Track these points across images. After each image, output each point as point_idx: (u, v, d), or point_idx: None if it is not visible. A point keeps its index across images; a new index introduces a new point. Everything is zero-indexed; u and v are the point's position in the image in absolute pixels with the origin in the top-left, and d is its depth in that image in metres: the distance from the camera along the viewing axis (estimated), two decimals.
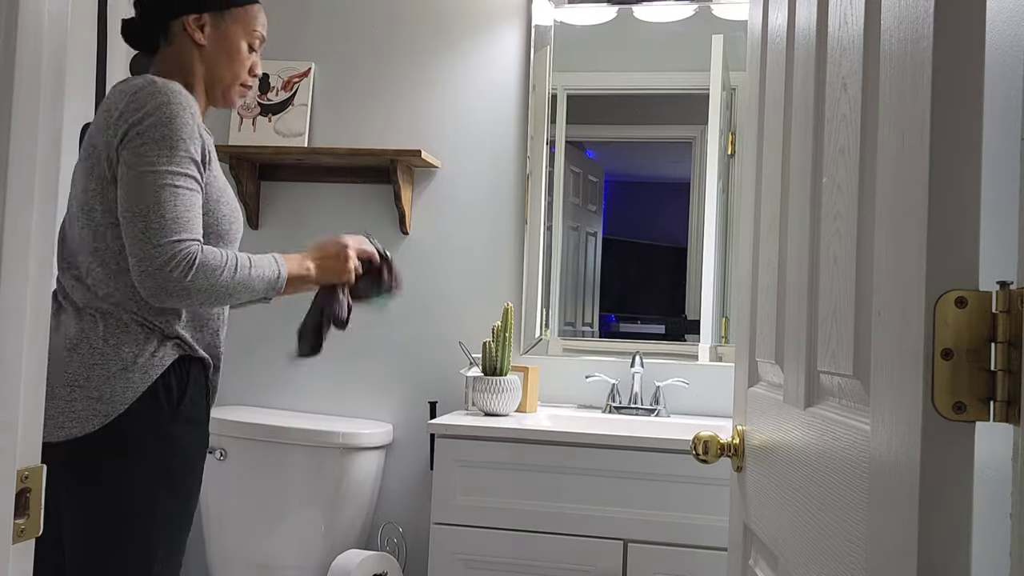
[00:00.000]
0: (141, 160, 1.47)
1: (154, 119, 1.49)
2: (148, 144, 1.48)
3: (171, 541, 1.56)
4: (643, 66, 2.57)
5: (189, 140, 1.51)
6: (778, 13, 1.15)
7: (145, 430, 1.51)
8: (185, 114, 1.52)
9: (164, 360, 1.53)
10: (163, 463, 1.53)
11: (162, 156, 1.48)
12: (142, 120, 1.49)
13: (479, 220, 2.60)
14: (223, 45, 1.67)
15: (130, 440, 1.49)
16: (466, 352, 2.46)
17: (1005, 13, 0.60)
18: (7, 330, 0.72)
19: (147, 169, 1.47)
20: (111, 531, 1.50)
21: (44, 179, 0.76)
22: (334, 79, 2.71)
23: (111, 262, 1.52)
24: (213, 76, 1.68)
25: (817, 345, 0.92)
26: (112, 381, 1.48)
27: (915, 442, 0.64)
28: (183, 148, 1.50)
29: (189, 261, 1.45)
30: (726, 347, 2.45)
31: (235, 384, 2.69)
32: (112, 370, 1.49)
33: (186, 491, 1.58)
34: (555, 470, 2.04)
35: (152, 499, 1.52)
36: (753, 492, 1.20)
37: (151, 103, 1.50)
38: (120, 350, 1.50)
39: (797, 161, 1.03)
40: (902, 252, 0.68)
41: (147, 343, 1.52)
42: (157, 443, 1.52)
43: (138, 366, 1.50)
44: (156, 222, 1.45)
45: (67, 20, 0.79)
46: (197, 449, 1.60)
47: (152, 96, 1.51)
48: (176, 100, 1.52)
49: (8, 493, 0.73)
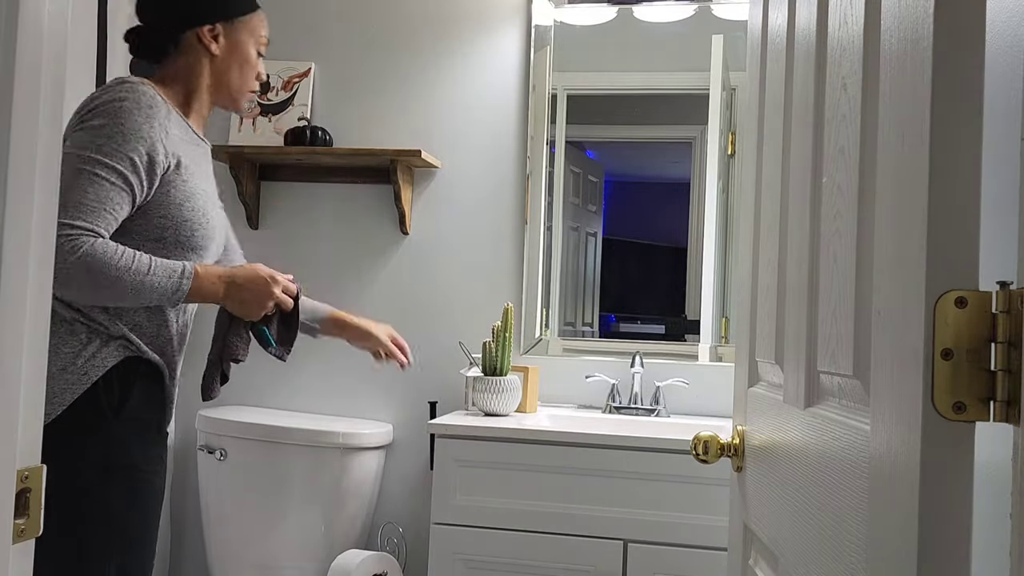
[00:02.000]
0: (74, 144, 1.47)
1: (102, 110, 1.50)
2: (86, 131, 1.48)
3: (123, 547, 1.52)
4: (643, 66, 2.57)
5: (133, 138, 1.48)
6: (778, 13, 1.15)
7: (84, 431, 1.48)
8: (139, 115, 1.50)
9: (106, 361, 1.50)
10: (104, 464, 1.49)
11: (94, 144, 1.46)
12: (92, 111, 1.50)
13: (479, 220, 2.60)
14: (235, 54, 1.69)
15: (71, 442, 1.45)
16: (466, 352, 2.46)
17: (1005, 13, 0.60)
18: (7, 330, 0.72)
19: (73, 152, 1.45)
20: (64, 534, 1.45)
21: (44, 179, 0.76)
22: (334, 79, 2.71)
23: None
24: (223, 84, 1.69)
25: (817, 345, 0.92)
26: (51, 381, 1.43)
27: (915, 442, 0.64)
28: (121, 143, 1.47)
29: (71, 248, 1.40)
30: (726, 347, 2.45)
31: (235, 384, 2.68)
32: (50, 370, 1.44)
33: (136, 495, 1.53)
34: (555, 470, 2.04)
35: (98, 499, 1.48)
36: (753, 492, 1.20)
37: (106, 96, 1.51)
38: (59, 350, 1.47)
39: (797, 161, 1.03)
40: (902, 252, 0.68)
41: (89, 343, 1.49)
42: (97, 444, 1.49)
43: (76, 367, 1.48)
44: (66, 206, 1.41)
45: (67, 20, 0.79)
46: (151, 452, 1.56)
47: (113, 91, 1.52)
48: (136, 99, 1.51)
49: (8, 493, 0.73)
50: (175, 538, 2.74)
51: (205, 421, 2.48)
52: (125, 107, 1.50)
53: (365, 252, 2.66)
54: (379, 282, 2.65)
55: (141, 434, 1.55)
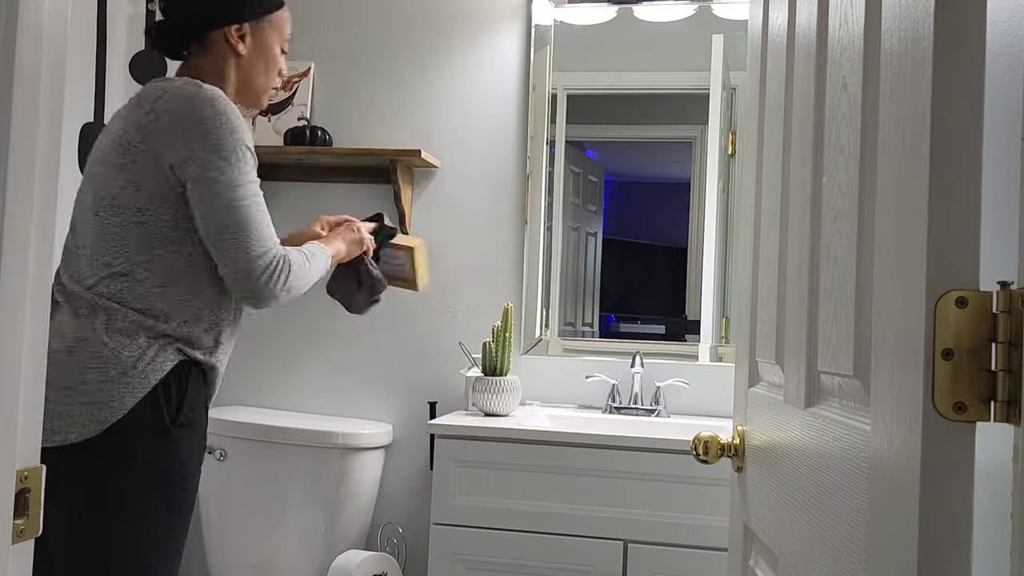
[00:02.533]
0: (223, 176, 1.51)
1: (220, 132, 1.51)
2: (225, 159, 1.51)
3: (166, 548, 1.54)
4: (643, 66, 2.57)
5: (250, 145, 1.57)
6: (778, 13, 1.15)
7: (144, 435, 1.49)
8: (239, 121, 1.55)
9: (165, 365, 1.51)
10: (161, 468, 1.51)
11: (240, 170, 1.53)
12: (207, 134, 1.50)
13: (479, 220, 2.60)
14: (262, 53, 1.69)
15: (129, 445, 1.47)
16: (466, 352, 2.46)
17: (1005, 13, 0.60)
18: (7, 330, 0.72)
19: (234, 185, 1.51)
20: (106, 537, 1.48)
21: (44, 179, 0.76)
22: (334, 79, 2.71)
23: (128, 262, 1.51)
24: (248, 83, 1.69)
25: (817, 345, 0.91)
26: (110, 385, 1.46)
27: (915, 442, 0.64)
28: (250, 156, 1.56)
29: (286, 269, 1.56)
30: (726, 347, 2.45)
31: (235, 384, 2.69)
32: (111, 374, 1.46)
33: (183, 498, 1.56)
34: (555, 470, 2.04)
35: (148, 505, 1.50)
36: (753, 492, 1.20)
37: (209, 111, 1.52)
38: (120, 353, 1.48)
39: (797, 161, 1.03)
40: (902, 252, 0.68)
41: (148, 347, 1.50)
42: (156, 448, 1.50)
43: (138, 371, 1.48)
44: (254, 236, 1.52)
45: (67, 20, 0.79)
46: (195, 455, 1.58)
47: (209, 105, 1.52)
48: (229, 108, 1.55)
49: (8, 493, 0.73)
50: None
51: None
52: (232, 121, 1.54)
53: None
54: None
55: (191, 437, 1.56)
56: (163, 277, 1.52)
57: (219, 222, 1.51)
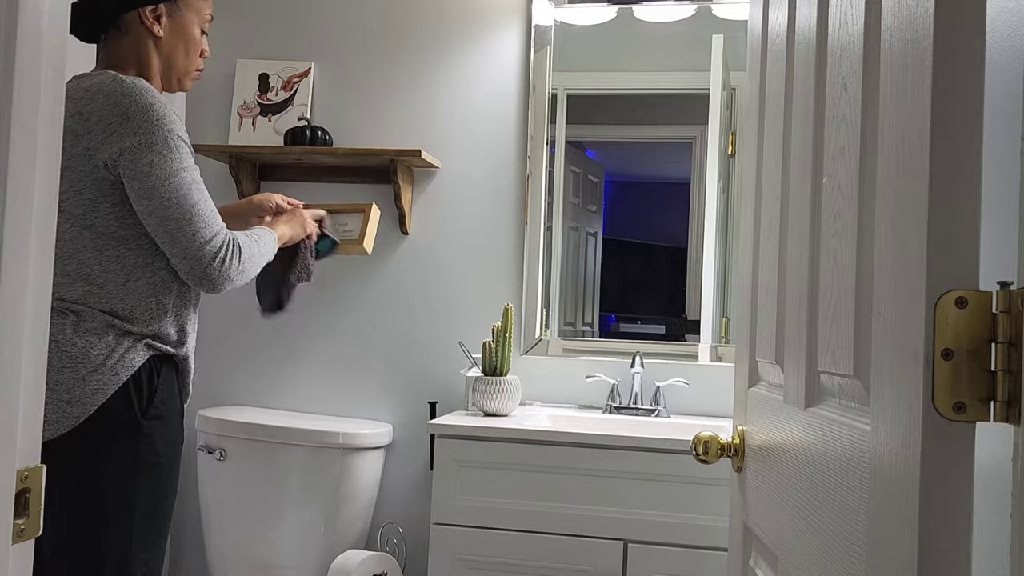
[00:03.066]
0: (157, 169, 1.51)
1: (147, 124, 1.51)
2: (156, 151, 1.51)
3: (152, 538, 1.56)
4: (643, 66, 2.57)
5: (181, 132, 1.56)
6: (778, 13, 1.15)
7: (116, 430, 1.51)
8: (165, 109, 1.55)
9: (134, 361, 1.53)
10: (136, 461, 1.53)
11: (173, 159, 1.52)
12: (135, 129, 1.50)
13: (479, 220, 2.60)
14: (180, 35, 1.68)
15: (101, 441, 1.50)
16: (466, 352, 2.46)
17: (1005, 13, 0.60)
18: (7, 330, 0.72)
19: (170, 175, 1.51)
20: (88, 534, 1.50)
21: (44, 180, 0.76)
22: (334, 79, 2.70)
23: (82, 267, 1.52)
24: (170, 66, 1.69)
25: (817, 345, 0.91)
26: (82, 383, 1.48)
27: (915, 442, 0.64)
28: (182, 143, 1.55)
29: (235, 251, 1.57)
30: (726, 347, 2.45)
31: (235, 384, 2.69)
32: (81, 372, 1.49)
33: (163, 488, 1.58)
34: (555, 470, 2.04)
35: (129, 498, 1.52)
36: (753, 492, 1.20)
37: (133, 107, 1.51)
38: (89, 352, 1.50)
39: (797, 161, 1.03)
40: (902, 252, 0.68)
41: (118, 345, 1.52)
42: (128, 442, 1.52)
43: (107, 368, 1.50)
44: (200, 223, 1.53)
45: (67, 20, 0.79)
46: (171, 447, 1.60)
47: (131, 99, 1.52)
48: (154, 98, 1.54)
49: (8, 493, 0.73)
50: (175, 538, 2.74)
51: (205, 421, 2.47)
52: (158, 109, 1.54)
53: None
54: (379, 282, 2.65)
55: (165, 431, 1.58)
56: (120, 277, 1.54)
57: (161, 215, 1.51)
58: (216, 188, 2.32)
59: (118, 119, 1.50)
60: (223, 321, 2.68)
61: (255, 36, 2.73)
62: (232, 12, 2.70)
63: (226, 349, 2.72)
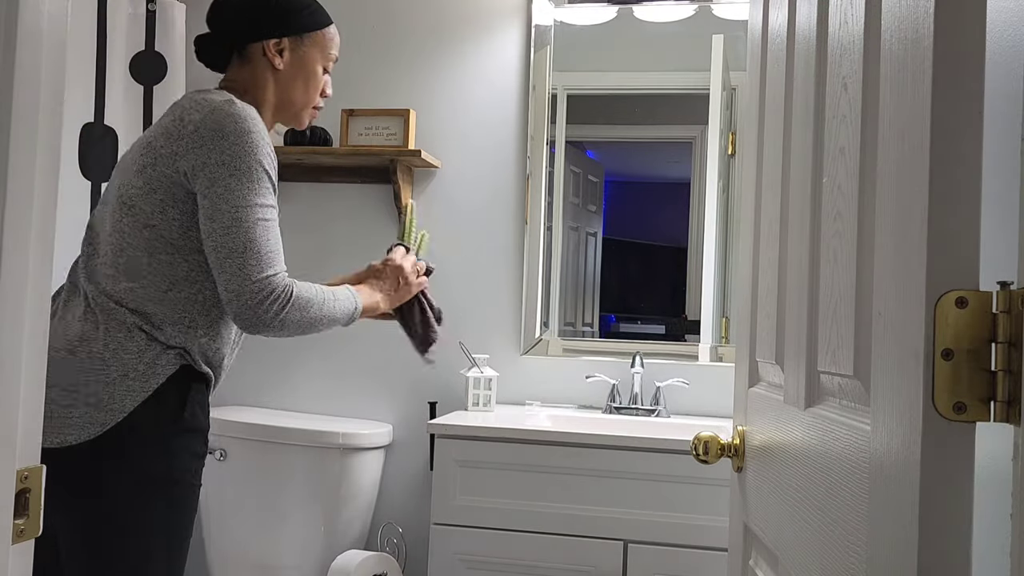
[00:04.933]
0: (231, 194, 1.48)
1: (238, 149, 1.49)
2: (236, 177, 1.48)
3: (171, 554, 1.53)
4: (643, 66, 2.57)
5: (269, 168, 1.53)
6: (778, 13, 1.15)
7: (143, 439, 1.48)
8: (263, 142, 1.52)
9: (166, 369, 1.50)
10: (162, 474, 1.50)
11: (250, 189, 1.49)
12: (224, 149, 1.48)
13: (479, 220, 2.60)
14: (300, 70, 1.67)
15: (128, 449, 1.47)
16: (466, 352, 2.46)
17: (1005, 13, 0.60)
18: (7, 330, 0.72)
19: (240, 204, 1.48)
20: (109, 543, 1.47)
21: (44, 179, 0.76)
22: (334, 79, 2.70)
23: (132, 263, 1.51)
24: (286, 99, 1.68)
25: (817, 345, 0.91)
26: (111, 388, 1.45)
27: (915, 442, 0.64)
28: (267, 178, 1.52)
29: (286, 296, 1.50)
30: (726, 347, 2.45)
31: (235, 384, 2.69)
32: (112, 376, 1.46)
33: (185, 503, 1.55)
34: (555, 470, 2.04)
35: (151, 510, 1.49)
36: (753, 492, 1.20)
37: (232, 127, 1.49)
38: (120, 355, 1.47)
39: (797, 161, 1.03)
40: (902, 252, 0.68)
41: (147, 350, 1.49)
42: (156, 453, 1.49)
43: (138, 373, 1.47)
44: (253, 258, 1.47)
45: (67, 20, 0.79)
46: (196, 459, 1.57)
47: (233, 120, 1.50)
48: (256, 127, 1.52)
49: (8, 493, 0.73)
50: None
51: None
52: (254, 140, 1.50)
53: (365, 252, 2.66)
54: None
55: (191, 442, 1.55)
56: (163, 283, 1.52)
57: (219, 239, 1.48)
58: None
59: (211, 134, 1.49)
60: None
61: None
62: None
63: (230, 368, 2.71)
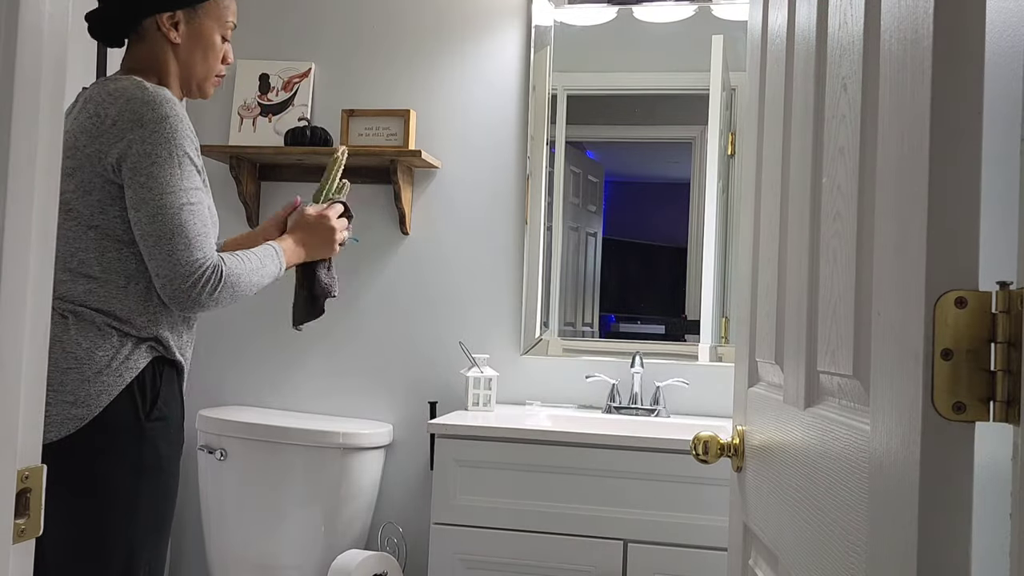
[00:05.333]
0: (154, 181, 1.48)
1: (156, 136, 1.49)
2: (158, 164, 1.49)
3: (158, 534, 1.57)
4: (643, 66, 2.57)
5: (192, 151, 1.53)
6: (778, 13, 1.15)
7: (119, 432, 1.51)
8: (183, 125, 1.53)
9: (139, 363, 1.53)
10: (138, 463, 1.53)
11: (172, 175, 1.49)
12: (145, 138, 1.49)
13: (479, 220, 2.60)
14: (198, 41, 1.66)
15: (105, 442, 1.50)
16: (466, 352, 2.46)
17: (1005, 13, 0.60)
18: (7, 330, 0.72)
19: (164, 191, 1.49)
20: (92, 536, 1.50)
21: (44, 179, 0.76)
22: (334, 79, 2.71)
23: (84, 266, 1.52)
24: (188, 72, 1.67)
25: (817, 345, 0.92)
26: (87, 385, 1.48)
27: (915, 442, 0.64)
28: (190, 161, 1.52)
29: (216, 278, 1.51)
30: (726, 347, 2.45)
31: (235, 384, 2.69)
32: (87, 374, 1.49)
33: (164, 491, 1.58)
34: (555, 470, 2.04)
35: (131, 500, 1.52)
36: (753, 492, 1.20)
37: (149, 115, 1.50)
38: (94, 353, 1.50)
39: (797, 161, 1.03)
40: (902, 252, 0.68)
41: (122, 346, 1.52)
42: (131, 444, 1.52)
43: (112, 369, 1.50)
44: (182, 244, 1.48)
45: (67, 20, 0.79)
46: (173, 449, 1.60)
47: (150, 108, 1.50)
48: (172, 111, 1.52)
49: (8, 493, 0.73)
50: (175, 538, 2.74)
51: (205, 421, 2.48)
52: (173, 124, 1.51)
53: (365, 252, 2.66)
54: (379, 282, 2.65)
55: (167, 433, 1.58)
56: (120, 279, 1.54)
57: (146, 228, 1.49)
58: (217, 188, 2.32)
59: (130, 124, 1.50)
60: (223, 321, 2.68)
61: (255, 36, 2.73)
62: None
63: (226, 349, 2.72)
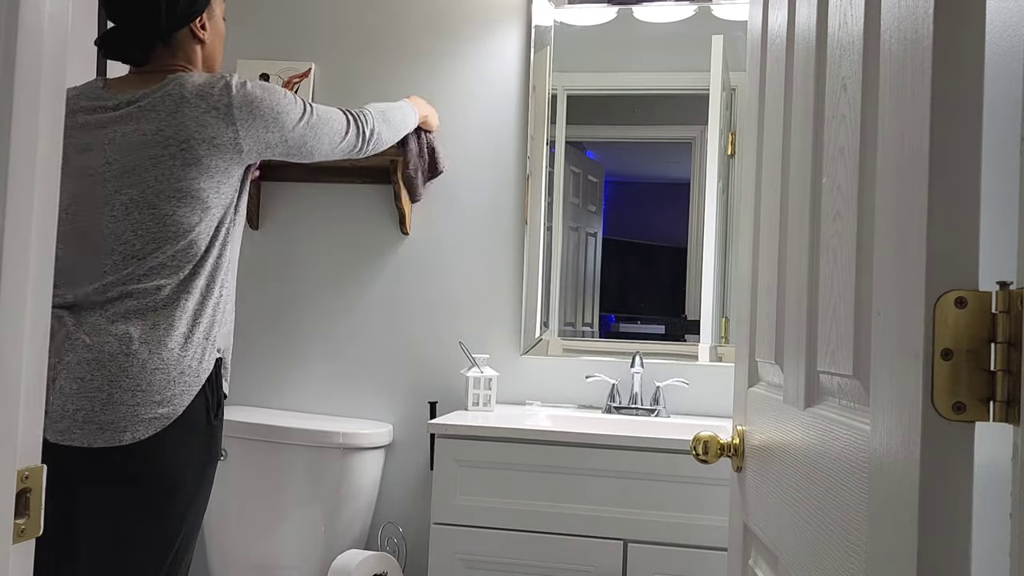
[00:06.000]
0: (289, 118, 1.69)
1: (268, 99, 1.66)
2: (284, 110, 1.68)
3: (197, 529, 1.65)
4: (643, 66, 2.57)
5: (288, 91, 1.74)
6: (778, 13, 1.15)
7: (196, 429, 1.57)
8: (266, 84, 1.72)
9: (210, 364, 1.59)
10: (206, 460, 1.61)
11: (294, 104, 1.71)
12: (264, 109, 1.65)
13: (479, 220, 2.60)
14: (217, 32, 1.76)
15: (184, 440, 1.56)
16: (466, 352, 2.46)
17: (1005, 13, 0.60)
18: (7, 330, 0.72)
19: (298, 120, 1.71)
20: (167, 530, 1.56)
21: (44, 180, 0.76)
22: (334, 79, 2.70)
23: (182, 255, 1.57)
24: (212, 63, 1.76)
25: (817, 345, 0.92)
26: (172, 386, 1.53)
27: (915, 442, 0.64)
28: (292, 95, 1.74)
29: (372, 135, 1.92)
30: (726, 347, 2.45)
31: (235, 384, 2.69)
32: (172, 375, 1.54)
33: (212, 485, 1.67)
34: (555, 470, 2.04)
35: (202, 486, 1.61)
36: (753, 492, 1.20)
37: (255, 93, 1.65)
38: (180, 355, 1.55)
39: (797, 161, 1.03)
40: (902, 252, 0.68)
41: (200, 347, 1.58)
42: (204, 440, 1.59)
43: (192, 370, 1.56)
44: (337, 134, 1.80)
45: (67, 20, 0.79)
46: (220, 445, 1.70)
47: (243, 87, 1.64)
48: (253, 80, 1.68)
49: (8, 493, 0.73)
50: None
51: None
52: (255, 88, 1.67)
53: (365, 252, 2.66)
54: (379, 282, 2.65)
55: (222, 430, 1.68)
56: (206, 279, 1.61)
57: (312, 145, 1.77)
58: None
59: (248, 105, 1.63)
60: None
61: (255, 36, 2.73)
62: (232, 13, 2.70)
63: None
